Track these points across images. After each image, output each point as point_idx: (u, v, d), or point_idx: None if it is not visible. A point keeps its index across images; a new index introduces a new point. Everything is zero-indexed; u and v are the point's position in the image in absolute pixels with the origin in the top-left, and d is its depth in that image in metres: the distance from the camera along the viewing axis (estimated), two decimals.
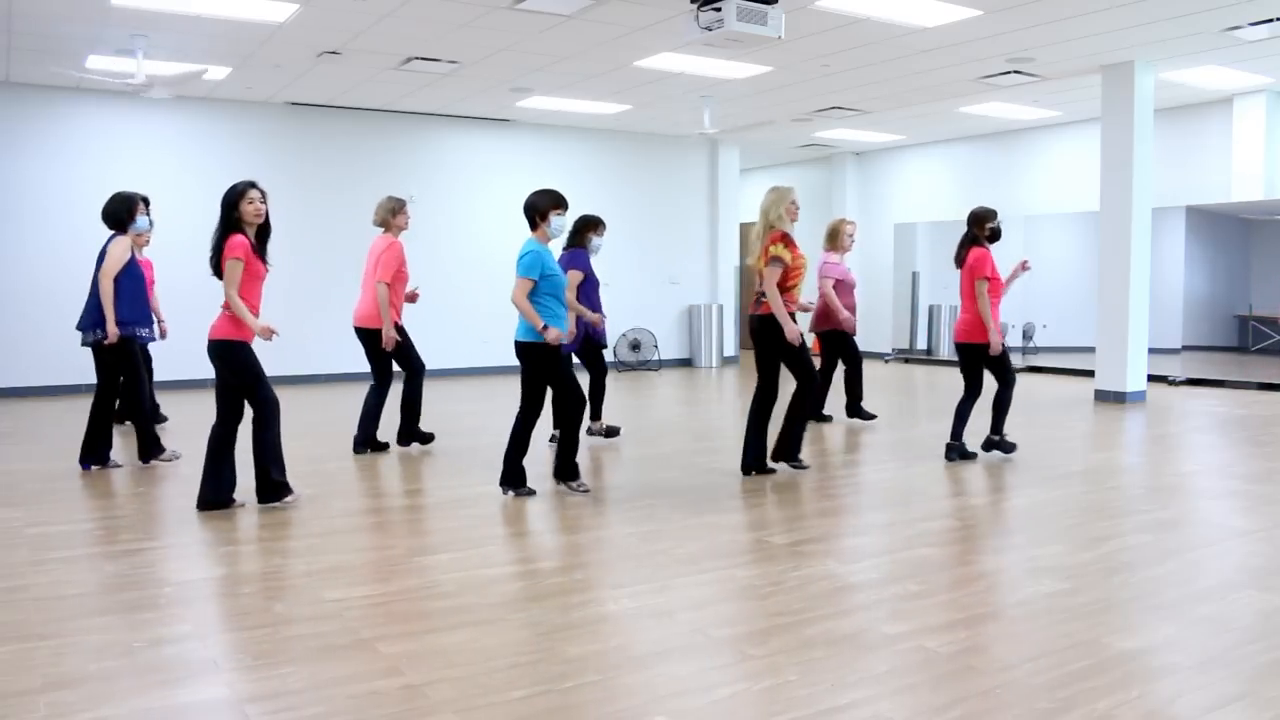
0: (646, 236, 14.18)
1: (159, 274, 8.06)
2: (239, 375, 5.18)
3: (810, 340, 7.92)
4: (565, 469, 5.69)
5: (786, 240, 5.92)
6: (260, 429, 5.21)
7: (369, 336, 6.86)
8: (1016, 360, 13.48)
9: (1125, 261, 9.82)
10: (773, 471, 6.19)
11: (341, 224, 11.88)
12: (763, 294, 5.90)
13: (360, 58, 9.40)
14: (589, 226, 7.14)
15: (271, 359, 12.98)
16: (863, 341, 15.65)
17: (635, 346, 13.82)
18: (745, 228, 17.54)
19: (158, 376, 8.49)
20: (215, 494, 5.22)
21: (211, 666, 3.16)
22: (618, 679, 3.06)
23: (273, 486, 5.25)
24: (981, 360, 6.54)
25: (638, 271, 14.02)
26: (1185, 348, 12.12)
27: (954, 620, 3.56)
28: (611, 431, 7.61)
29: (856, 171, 16.24)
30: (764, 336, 5.97)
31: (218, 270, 5.12)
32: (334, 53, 9.18)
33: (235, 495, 5.28)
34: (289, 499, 5.30)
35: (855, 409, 8.43)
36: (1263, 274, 11.96)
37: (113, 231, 6.43)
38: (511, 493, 5.58)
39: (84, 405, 9.79)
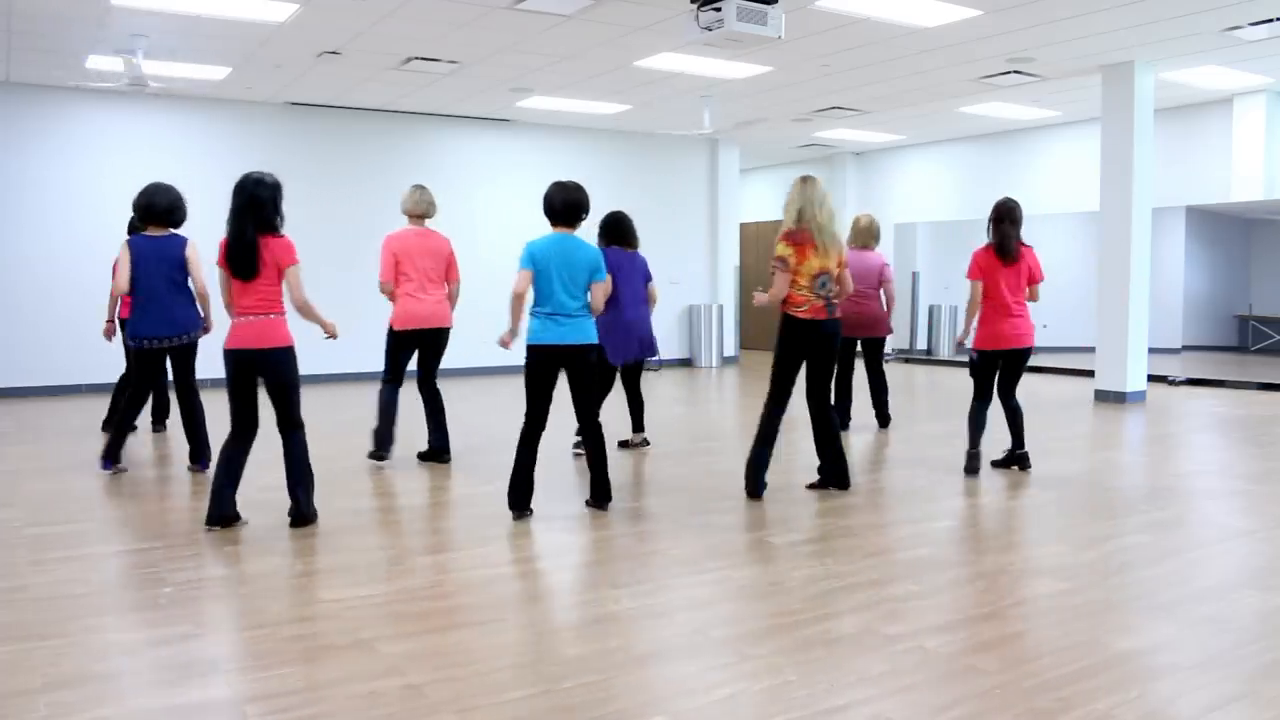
0: (646, 236, 13.95)
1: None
2: (294, 382, 4.91)
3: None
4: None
5: None
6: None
7: (439, 336, 6.47)
8: None
9: (1125, 261, 9.82)
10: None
11: (342, 224, 11.89)
12: (837, 298, 5.47)
13: (360, 58, 9.40)
14: (633, 229, 6.97)
15: None
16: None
17: None
18: (745, 228, 17.59)
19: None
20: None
21: (211, 666, 3.16)
22: (617, 679, 3.06)
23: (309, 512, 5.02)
24: (1026, 363, 6.23)
25: None
26: (1185, 348, 12.14)
27: (954, 620, 3.56)
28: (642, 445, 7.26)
29: (856, 171, 16.23)
30: (838, 343, 5.54)
31: (253, 270, 4.77)
32: (334, 53, 9.18)
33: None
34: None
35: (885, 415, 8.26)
36: (1263, 274, 11.98)
37: (170, 230, 6.05)
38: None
39: (84, 405, 9.86)
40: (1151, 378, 10.52)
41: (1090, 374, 10.66)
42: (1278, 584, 3.99)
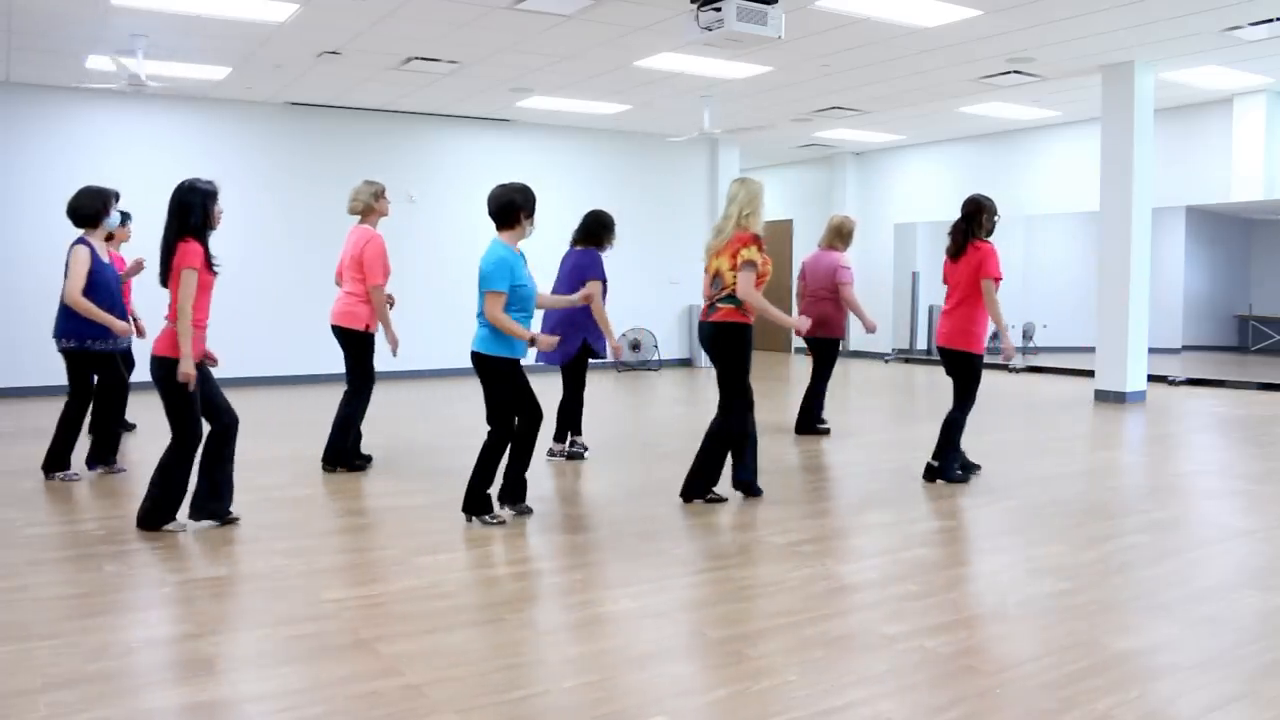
0: (646, 236, 14.18)
1: (149, 273, 7.93)
2: (170, 397, 4.66)
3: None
4: (515, 490, 5.18)
5: (759, 243, 5.31)
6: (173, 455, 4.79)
7: (347, 337, 6.29)
8: (1017, 360, 13.49)
9: (1125, 261, 9.82)
10: (723, 500, 5.49)
11: (342, 224, 11.85)
12: (721, 299, 5.29)
13: (360, 58, 9.40)
14: (609, 227, 6.65)
15: (281, 360, 12.90)
16: (863, 342, 15.72)
17: (635, 346, 13.83)
18: None
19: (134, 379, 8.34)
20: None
21: (211, 666, 3.16)
22: (617, 679, 3.06)
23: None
24: (964, 370, 5.90)
25: (638, 271, 14.01)
26: (1185, 348, 12.14)
27: (954, 620, 3.56)
28: (575, 455, 6.78)
29: (856, 171, 16.23)
30: (719, 346, 5.32)
31: (164, 276, 4.69)
32: (334, 53, 9.18)
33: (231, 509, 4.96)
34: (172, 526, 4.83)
35: (811, 424, 7.87)
36: (1263, 274, 11.98)
37: (81, 231, 6.00)
38: (477, 520, 4.99)
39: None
40: (1151, 378, 10.52)
41: (1090, 374, 10.66)
42: (1278, 584, 3.99)
